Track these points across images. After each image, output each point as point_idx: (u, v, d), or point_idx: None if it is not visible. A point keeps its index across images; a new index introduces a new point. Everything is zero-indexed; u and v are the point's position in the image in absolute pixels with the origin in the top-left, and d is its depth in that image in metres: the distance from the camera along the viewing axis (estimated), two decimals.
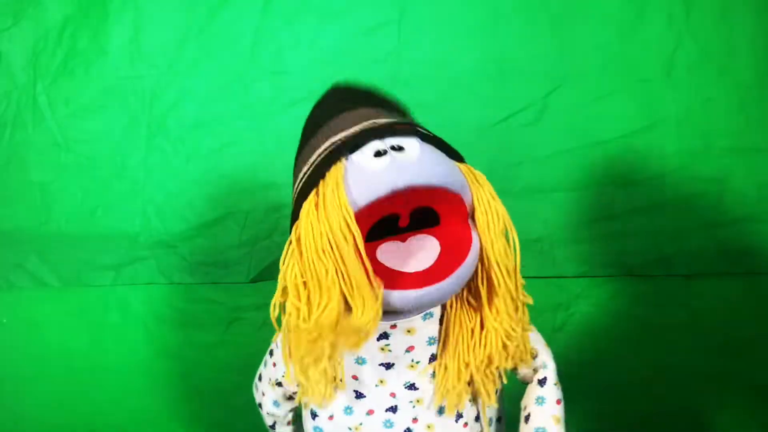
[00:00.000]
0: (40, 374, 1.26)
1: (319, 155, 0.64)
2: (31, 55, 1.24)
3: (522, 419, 0.73)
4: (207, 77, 1.22)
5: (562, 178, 1.15)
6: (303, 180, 0.65)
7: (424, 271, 0.61)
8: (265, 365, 0.79)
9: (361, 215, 0.59)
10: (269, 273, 1.22)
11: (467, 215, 0.64)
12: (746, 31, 1.13)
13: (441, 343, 0.68)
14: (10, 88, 1.24)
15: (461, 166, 0.65)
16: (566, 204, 1.15)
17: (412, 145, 0.60)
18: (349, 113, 0.66)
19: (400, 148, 0.60)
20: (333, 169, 0.60)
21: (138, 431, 1.26)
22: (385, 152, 0.59)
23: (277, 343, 0.76)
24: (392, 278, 0.61)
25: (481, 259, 0.63)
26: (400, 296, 0.60)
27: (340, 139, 0.63)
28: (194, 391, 1.24)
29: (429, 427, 0.71)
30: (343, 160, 0.61)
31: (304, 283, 0.62)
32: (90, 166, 1.24)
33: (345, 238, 0.58)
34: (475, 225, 0.64)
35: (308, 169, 0.65)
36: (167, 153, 1.23)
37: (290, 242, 0.64)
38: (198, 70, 1.22)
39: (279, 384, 0.77)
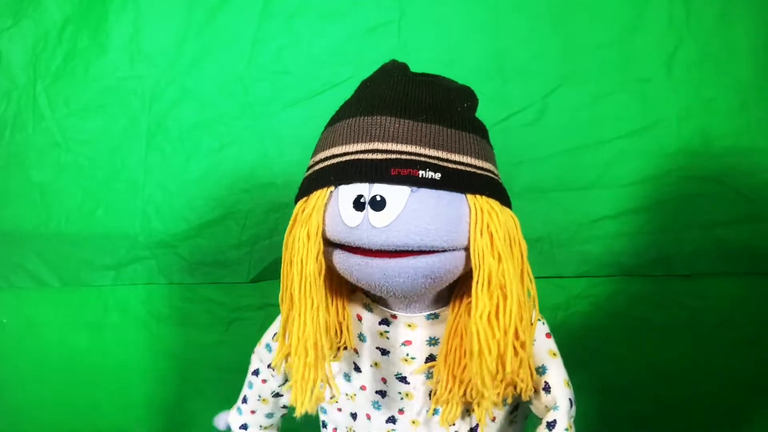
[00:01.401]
0: (40, 374, 1.26)
1: (320, 161, 0.64)
2: (31, 55, 1.24)
3: None
4: (207, 77, 1.22)
5: (562, 178, 1.15)
6: (305, 176, 0.67)
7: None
8: (250, 386, 0.84)
9: None
10: (269, 273, 1.22)
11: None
12: (746, 31, 1.13)
13: (441, 344, 0.68)
14: (10, 88, 1.24)
15: (477, 205, 0.60)
16: (566, 204, 1.15)
17: (397, 198, 0.57)
18: (365, 119, 0.62)
19: (380, 204, 0.58)
20: (319, 192, 0.62)
21: (138, 431, 1.26)
22: (363, 206, 0.58)
23: (258, 361, 0.84)
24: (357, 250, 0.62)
25: (471, 316, 0.60)
26: (340, 258, 0.62)
27: (340, 156, 0.61)
28: (194, 391, 1.24)
29: (414, 422, 0.71)
30: (331, 188, 0.61)
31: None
32: (90, 166, 1.24)
33: (302, 270, 0.62)
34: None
35: (311, 167, 0.66)
36: (167, 153, 1.23)
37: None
38: (198, 70, 1.22)
39: (276, 395, 0.83)
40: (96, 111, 1.24)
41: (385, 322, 0.69)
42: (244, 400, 0.84)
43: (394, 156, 0.58)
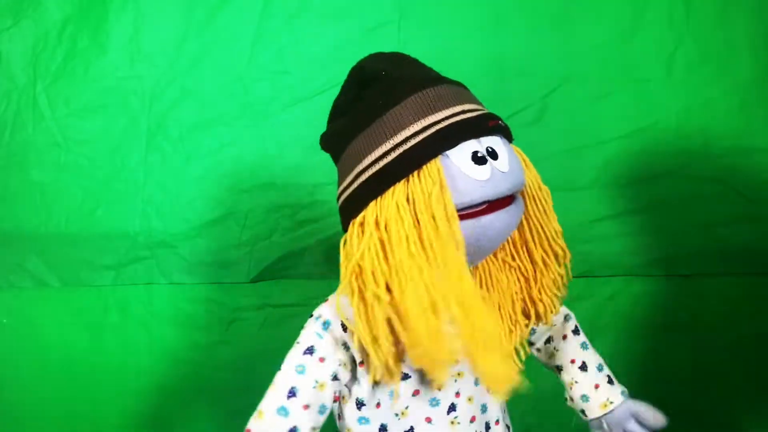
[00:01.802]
0: (40, 374, 1.26)
1: (407, 139, 0.61)
2: (31, 55, 1.24)
3: (573, 369, 0.80)
4: (207, 77, 1.22)
5: (562, 178, 1.15)
6: (380, 167, 0.61)
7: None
8: (301, 371, 0.65)
9: None
10: (269, 273, 1.22)
11: None
12: (746, 31, 1.13)
13: (492, 299, 0.72)
14: (10, 88, 1.24)
15: (516, 150, 0.69)
16: (566, 204, 1.15)
17: (501, 148, 0.63)
18: (432, 90, 0.64)
19: (494, 154, 0.62)
20: (431, 165, 0.60)
21: (138, 431, 1.25)
22: (483, 159, 0.61)
23: (316, 337, 0.66)
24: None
25: (530, 238, 0.72)
26: (474, 224, 0.62)
27: (432, 126, 0.61)
28: (194, 390, 1.24)
29: (469, 399, 0.72)
30: (440, 157, 0.60)
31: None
32: (90, 166, 1.24)
33: (447, 242, 0.59)
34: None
35: (387, 153, 0.61)
36: (167, 153, 1.23)
37: (363, 228, 0.61)
38: (198, 70, 1.22)
39: (335, 378, 0.66)
40: (96, 111, 1.24)
41: None
42: (292, 393, 0.64)
43: (477, 113, 0.64)
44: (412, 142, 0.61)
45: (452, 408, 0.71)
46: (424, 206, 0.59)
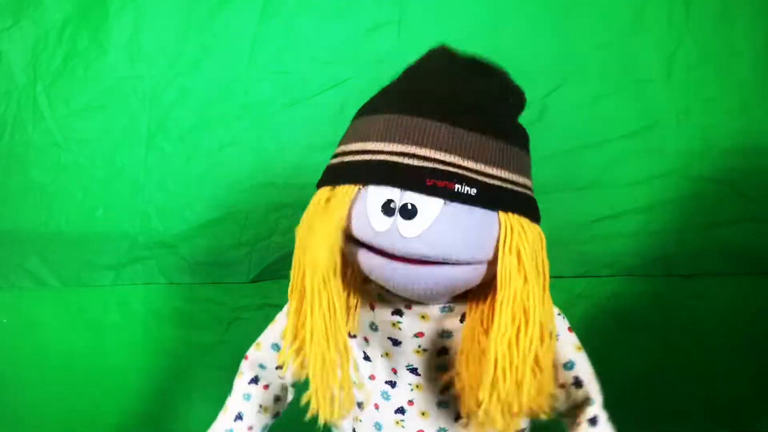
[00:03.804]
0: (40, 374, 1.26)
1: (353, 152, 0.62)
2: (31, 55, 1.23)
3: None
4: (207, 77, 1.22)
5: (562, 178, 1.15)
6: (334, 163, 0.64)
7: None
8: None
9: None
10: (269, 273, 1.22)
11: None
12: (746, 31, 1.13)
13: (460, 351, 0.66)
14: (10, 88, 1.24)
15: (508, 222, 0.59)
16: (566, 204, 1.15)
17: (429, 210, 0.56)
18: (405, 118, 0.60)
19: (411, 212, 0.56)
20: (347, 188, 0.60)
21: (138, 431, 1.26)
22: (392, 211, 0.57)
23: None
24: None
25: (490, 339, 0.59)
26: (364, 257, 0.60)
27: (375, 153, 0.59)
28: (194, 390, 1.24)
29: (423, 414, 0.71)
30: (360, 186, 0.59)
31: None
32: (90, 166, 1.24)
33: (316, 263, 0.60)
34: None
35: (341, 155, 0.63)
36: (167, 153, 1.23)
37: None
38: (198, 70, 1.22)
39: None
40: (96, 111, 1.23)
41: (398, 312, 0.68)
42: (239, 417, 0.78)
43: (431, 165, 0.57)
44: (353, 158, 0.61)
45: (401, 411, 0.71)
46: (325, 218, 0.61)
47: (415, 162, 0.57)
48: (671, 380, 1.16)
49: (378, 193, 0.58)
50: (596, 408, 0.69)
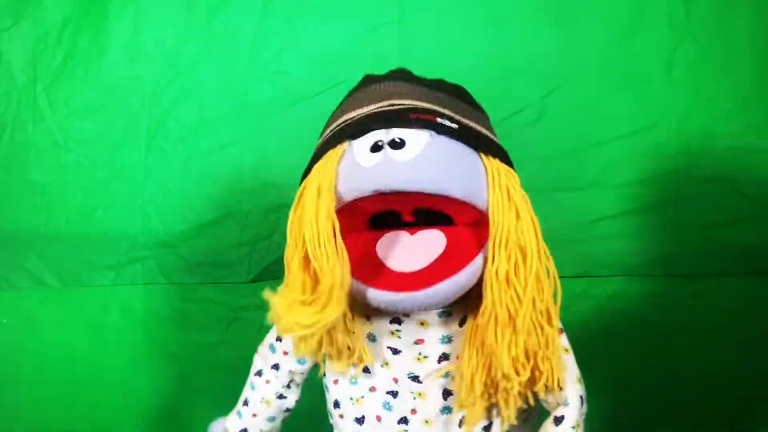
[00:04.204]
0: (40, 374, 1.26)
1: (331, 131, 0.62)
2: (31, 55, 1.24)
3: None
4: (207, 77, 1.22)
5: (562, 178, 1.15)
6: (313, 153, 0.65)
7: (410, 273, 0.58)
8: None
9: (354, 208, 0.58)
10: (269, 273, 1.22)
11: (484, 220, 0.60)
12: (746, 31, 1.13)
13: (461, 346, 0.66)
14: (10, 88, 1.24)
15: (491, 164, 0.60)
16: (566, 204, 1.15)
17: (417, 140, 0.56)
18: (377, 86, 0.62)
19: (400, 144, 0.56)
20: (331, 152, 0.59)
21: (138, 431, 1.26)
22: (380, 147, 0.56)
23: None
24: (376, 274, 0.59)
25: (496, 273, 0.58)
26: (373, 295, 0.59)
27: (350, 118, 0.60)
28: (194, 391, 1.24)
29: (427, 422, 0.70)
30: (345, 144, 0.59)
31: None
32: (90, 166, 1.24)
33: (318, 232, 0.57)
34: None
35: (320, 142, 0.65)
36: (167, 153, 1.23)
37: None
38: (198, 70, 1.22)
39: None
40: (96, 111, 1.24)
41: (396, 320, 0.68)
42: (245, 403, 0.81)
43: (412, 106, 0.58)
44: (331, 132, 0.62)
45: (404, 421, 0.70)
46: (308, 187, 0.59)
47: (396, 107, 0.58)
48: (671, 380, 1.16)
49: (364, 141, 0.58)
50: (567, 410, 0.66)
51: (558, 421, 0.66)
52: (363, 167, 0.56)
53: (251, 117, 1.21)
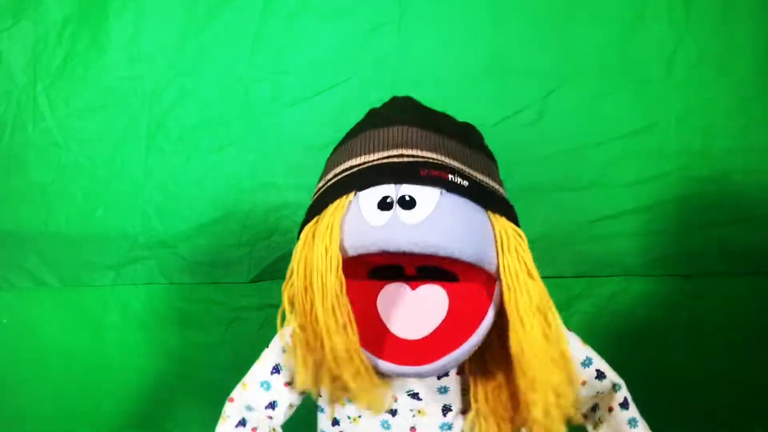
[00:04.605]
0: (40, 374, 1.26)
1: (335, 176, 0.60)
2: (31, 55, 1.24)
3: None
4: (207, 77, 1.22)
5: (562, 178, 1.15)
6: (314, 198, 0.62)
7: (413, 342, 0.57)
8: (286, 350, 0.71)
9: (358, 259, 0.56)
10: (269, 273, 1.22)
11: (490, 279, 0.58)
12: (746, 31, 1.13)
13: (471, 393, 0.65)
14: (10, 88, 1.24)
15: (498, 223, 0.58)
16: (566, 204, 1.15)
17: (427, 199, 0.54)
18: (384, 131, 0.59)
19: (410, 203, 0.54)
20: (337, 203, 0.57)
21: (138, 431, 1.26)
22: (389, 205, 0.54)
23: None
24: (380, 340, 0.57)
25: (508, 332, 0.57)
26: (376, 362, 0.57)
27: (357, 166, 0.58)
28: (194, 391, 1.24)
29: None
30: (351, 195, 0.57)
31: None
32: (90, 166, 1.24)
33: (323, 287, 0.55)
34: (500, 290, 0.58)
35: (321, 186, 0.62)
36: (167, 153, 1.23)
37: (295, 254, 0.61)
38: (198, 70, 1.22)
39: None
40: (96, 111, 1.24)
41: None
42: (276, 370, 0.72)
43: (422, 160, 0.56)
44: (335, 180, 0.59)
45: None
46: (315, 242, 0.57)
47: (406, 159, 0.56)
48: (671, 380, 1.16)
49: (371, 195, 0.56)
50: (624, 391, 0.71)
51: (624, 405, 0.70)
52: (371, 226, 0.54)
53: (251, 117, 1.21)
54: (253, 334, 1.20)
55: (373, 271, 0.60)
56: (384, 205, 0.54)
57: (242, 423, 0.71)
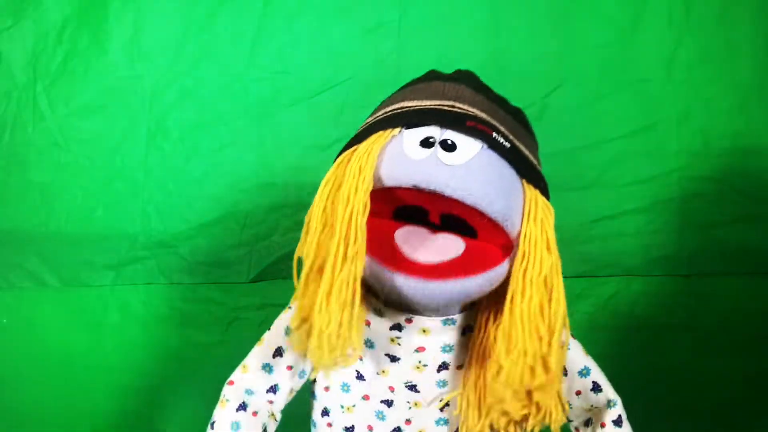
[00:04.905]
0: (39, 374, 1.25)
1: (385, 113, 0.61)
2: (31, 55, 1.23)
3: None
4: (207, 77, 1.22)
5: (562, 178, 1.15)
6: (361, 128, 0.63)
7: (426, 264, 0.57)
8: (288, 333, 0.70)
9: (387, 194, 0.57)
10: (269, 273, 1.22)
11: (509, 245, 0.59)
12: (746, 31, 1.13)
13: (466, 367, 0.65)
14: (10, 88, 1.24)
15: (530, 193, 0.59)
16: (566, 204, 1.15)
17: (469, 148, 0.55)
18: (441, 85, 0.60)
19: (451, 146, 0.55)
20: (380, 134, 0.58)
21: (137, 431, 1.26)
22: (431, 144, 0.55)
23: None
24: (392, 257, 0.57)
25: (511, 305, 0.58)
26: (388, 276, 0.56)
27: (407, 107, 0.59)
28: (194, 391, 1.24)
29: None
30: (396, 130, 0.57)
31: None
32: (90, 166, 1.24)
33: (348, 206, 0.55)
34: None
35: (371, 119, 0.63)
36: (167, 153, 1.23)
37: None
38: (198, 70, 1.22)
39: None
40: (96, 111, 1.23)
41: (397, 327, 0.66)
42: (278, 353, 0.71)
43: (470, 113, 0.57)
44: (385, 115, 0.60)
45: (397, 430, 0.69)
46: (349, 165, 0.57)
47: (456, 110, 0.57)
48: (670, 380, 1.16)
49: (415, 133, 0.56)
50: (619, 408, 0.69)
51: (617, 423, 0.69)
52: (409, 158, 0.55)
53: (251, 117, 1.21)
54: (253, 334, 1.18)
55: (397, 212, 0.60)
56: (426, 143, 0.55)
57: (242, 407, 0.70)
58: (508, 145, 0.58)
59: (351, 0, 1.20)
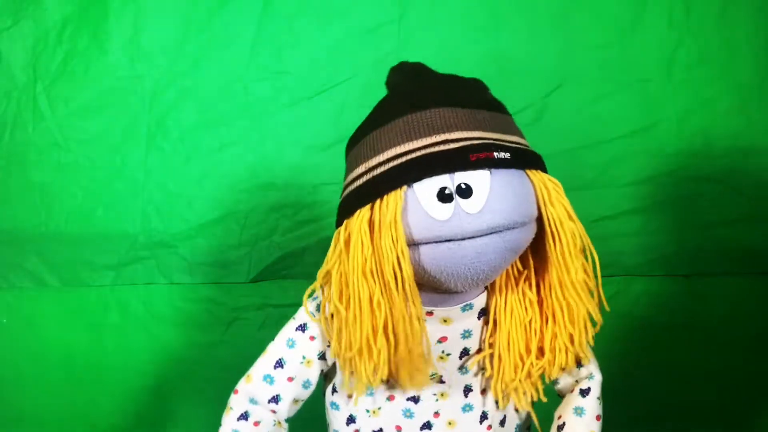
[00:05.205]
0: (40, 374, 1.26)
1: (380, 164, 0.60)
2: (31, 55, 1.23)
3: (554, 429, 0.71)
4: (207, 77, 1.22)
5: (562, 178, 1.14)
6: (358, 184, 0.62)
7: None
8: (291, 345, 0.71)
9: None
10: (269, 273, 1.22)
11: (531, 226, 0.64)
12: (746, 31, 1.13)
13: (489, 333, 0.68)
14: (10, 88, 1.24)
15: (536, 179, 0.63)
16: None
17: (481, 183, 0.57)
18: (422, 114, 0.61)
19: (467, 191, 0.57)
20: (393, 195, 0.58)
21: (138, 431, 1.26)
22: (449, 197, 0.57)
23: (309, 316, 0.71)
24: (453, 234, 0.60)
25: (552, 279, 0.66)
26: (429, 252, 0.58)
27: (405, 155, 0.59)
28: (194, 391, 1.24)
29: (450, 423, 0.70)
30: (405, 188, 0.58)
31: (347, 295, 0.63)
32: (90, 166, 1.24)
33: (396, 279, 0.58)
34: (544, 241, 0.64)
35: (365, 173, 0.62)
36: (167, 153, 1.23)
37: (337, 243, 0.63)
38: (198, 70, 1.22)
39: (321, 357, 0.71)
40: (96, 111, 1.23)
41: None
42: (279, 364, 0.71)
43: (467, 143, 0.59)
44: (383, 168, 0.60)
45: (427, 426, 0.70)
46: (382, 235, 0.58)
47: (452, 145, 0.59)
48: (671, 379, 1.16)
49: (427, 187, 0.58)
50: (594, 383, 0.73)
51: (584, 393, 0.73)
52: (435, 219, 0.57)
53: (251, 117, 1.21)
54: (253, 334, 1.20)
55: None
56: (443, 196, 0.57)
57: (244, 416, 0.71)
58: (507, 155, 0.60)
59: (351, 0, 1.20)
